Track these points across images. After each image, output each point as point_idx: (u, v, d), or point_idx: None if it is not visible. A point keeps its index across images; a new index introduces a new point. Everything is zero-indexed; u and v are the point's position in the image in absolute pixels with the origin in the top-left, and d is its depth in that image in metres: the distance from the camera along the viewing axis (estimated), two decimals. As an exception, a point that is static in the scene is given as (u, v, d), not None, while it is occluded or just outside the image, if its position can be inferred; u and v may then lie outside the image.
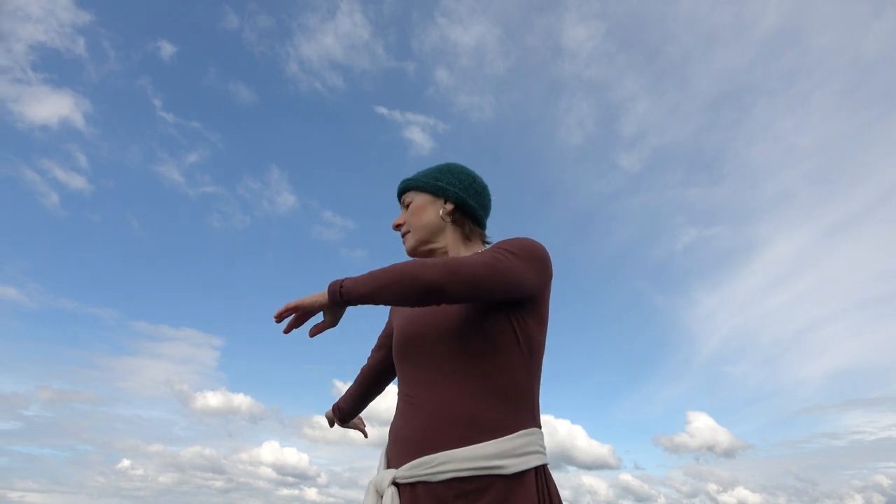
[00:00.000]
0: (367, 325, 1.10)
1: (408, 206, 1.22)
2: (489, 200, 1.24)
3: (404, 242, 1.21)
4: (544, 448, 1.02)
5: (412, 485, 0.94)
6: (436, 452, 0.93)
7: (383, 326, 1.37)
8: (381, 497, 0.96)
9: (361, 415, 1.49)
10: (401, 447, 0.99)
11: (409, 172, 1.25)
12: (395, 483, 0.96)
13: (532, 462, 0.96)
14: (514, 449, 0.95)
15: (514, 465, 0.93)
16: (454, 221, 1.18)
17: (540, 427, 1.04)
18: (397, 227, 1.24)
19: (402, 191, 1.25)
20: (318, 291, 0.98)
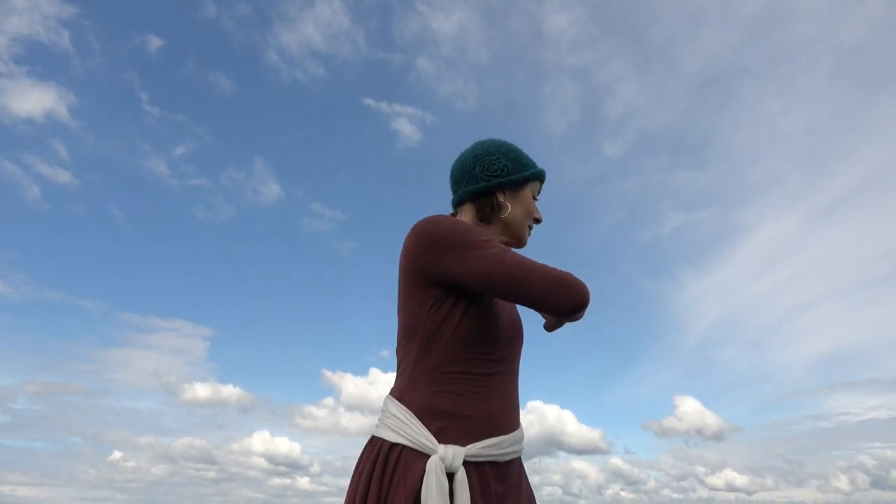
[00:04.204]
0: (354, 316, 1.10)
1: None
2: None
3: (528, 236, 1.17)
4: None
5: (478, 464, 0.91)
6: (506, 433, 0.96)
7: (368, 320, 1.35)
8: (446, 476, 0.86)
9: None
10: (467, 423, 0.92)
11: (399, 165, 1.22)
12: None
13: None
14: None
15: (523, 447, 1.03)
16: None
17: None
18: (538, 221, 1.17)
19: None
20: (308, 283, 0.98)
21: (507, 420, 0.97)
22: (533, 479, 1.09)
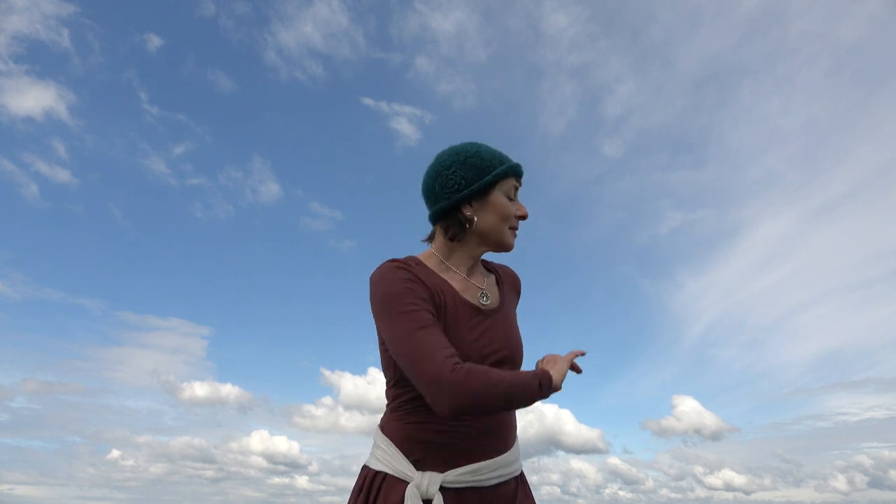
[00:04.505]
0: (353, 316, 1.10)
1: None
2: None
3: (514, 237, 1.08)
4: None
5: (459, 490, 0.92)
6: (488, 459, 0.95)
7: (366, 319, 1.26)
8: (423, 501, 0.90)
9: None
10: (445, 451, 0.95)
11: (398, 164, 1.19)
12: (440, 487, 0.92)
13: (521, 463, 1.05)
14: (518, 449, 1.04)
15: (519, 467, 1.03)
16: None
17: None
18: (523, 217, 1.08)
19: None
20: (307, 282, 0.99)
21: (488, 446, 0.96)
22: (531, 479, 1.09)
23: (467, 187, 1.02)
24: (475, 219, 1.03)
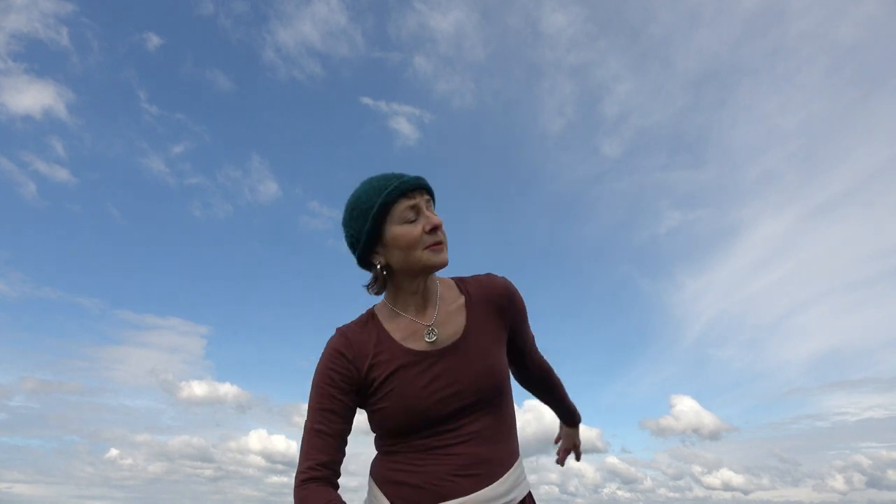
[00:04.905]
0: (351, 315, 1.10)
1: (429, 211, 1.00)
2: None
3: (440, 252, 0.98)
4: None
5: None
6: (464, 496, 0.93)
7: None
8: None
9: None
10: (418, 492, 0.96)
11: (397, 164, 1.14)
12: None
13: (525, 489, 1.04)
14: (517, 479, 1.01)
15: (517, 496, 1.00)
16: None
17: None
18: (438, 230, 0.98)
19: (429, 189, 1.01)
20: (306, 281, 0.99)
21: (464, 483, 0.94)
22: (530, 478, 1.08)
23: (361, 240, 0.99)
24: (386, 262, 1.00)
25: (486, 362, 1.01)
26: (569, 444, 1.46)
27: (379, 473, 1.02)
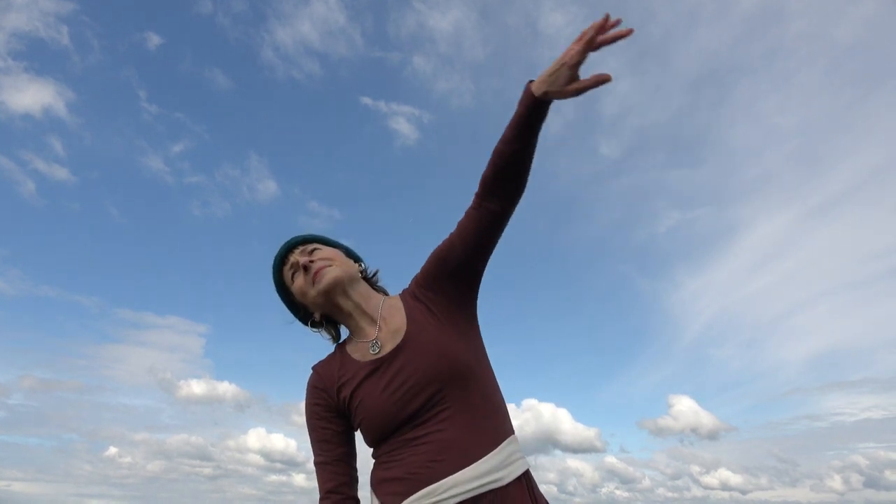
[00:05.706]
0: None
1: (311, 252, 1.22)
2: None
3: (321, 278, 1.16)
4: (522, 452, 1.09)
5: None
6: (442, 479, 0.99)
7: None
8: None
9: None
10: (400, 484, 1.03)
11: (396, 163, 1.24)
12: None
13: (520, 469, 1.04)
14: (505, 459, 1.03)
15: (507, 476, 1.01)
16: (365, 279, 1.27)
17: (514, 431, 1.11)
18: (307, 266, 1.18)
19: (304, 240, 1.27)
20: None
21: (440, 468, 1.00)
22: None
23: (293, 314, 1.31)
24: (316, 314, 1.25)
25: (434, 351, 1.09)
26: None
27: (372, 478, 1.13)
